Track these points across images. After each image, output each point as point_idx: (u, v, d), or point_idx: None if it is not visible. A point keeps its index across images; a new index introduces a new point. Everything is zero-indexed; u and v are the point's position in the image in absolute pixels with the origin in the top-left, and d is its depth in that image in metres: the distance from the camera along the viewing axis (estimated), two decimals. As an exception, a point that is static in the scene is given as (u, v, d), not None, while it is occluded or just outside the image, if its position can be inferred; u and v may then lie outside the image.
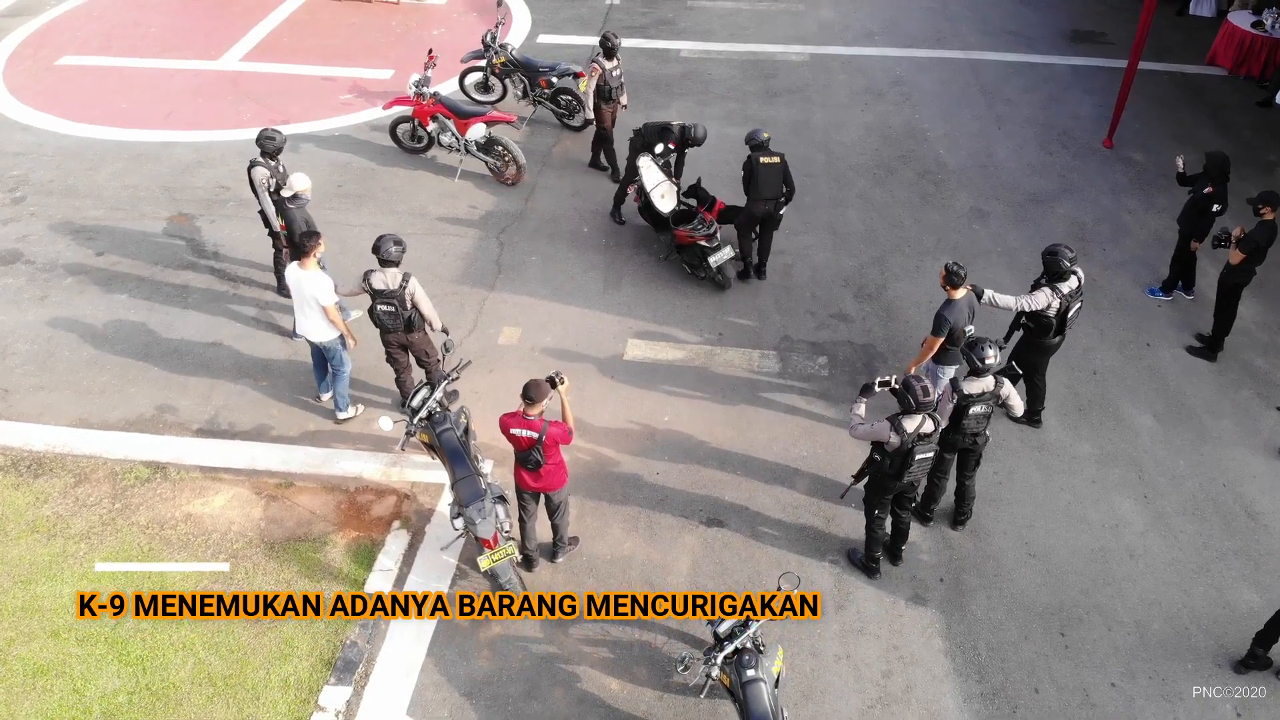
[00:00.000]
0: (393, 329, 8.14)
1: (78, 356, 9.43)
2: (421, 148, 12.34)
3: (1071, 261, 7.89)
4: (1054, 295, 7.83)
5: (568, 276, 10.52)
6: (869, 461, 6.90)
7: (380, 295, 7.95)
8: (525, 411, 6.74)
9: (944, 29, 15.73)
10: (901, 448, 6.55)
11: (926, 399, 6.43)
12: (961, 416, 7.09)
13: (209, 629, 7.05)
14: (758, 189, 9.68)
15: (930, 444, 6.60)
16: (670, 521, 7.84)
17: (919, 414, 6.54)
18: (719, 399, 8.98)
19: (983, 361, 6.91)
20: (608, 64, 11.18)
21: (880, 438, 6.63)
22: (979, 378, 7.02)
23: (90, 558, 7.57)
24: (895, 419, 6.59)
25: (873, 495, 7.02)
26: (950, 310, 7.75)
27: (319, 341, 8.35)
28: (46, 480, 8.22)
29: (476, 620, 7.13)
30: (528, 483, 7.00)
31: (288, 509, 7.95)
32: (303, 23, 15.89)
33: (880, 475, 6.83)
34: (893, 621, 7.13)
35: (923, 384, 6.45)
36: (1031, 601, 7.32)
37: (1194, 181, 9.70)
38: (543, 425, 6.75)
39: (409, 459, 8.35)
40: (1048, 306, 7.87)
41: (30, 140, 12.86)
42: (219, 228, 11.12)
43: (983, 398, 7.03)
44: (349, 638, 6.97)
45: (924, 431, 6.55)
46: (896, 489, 6.88)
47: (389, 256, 7.93)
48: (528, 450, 6.78)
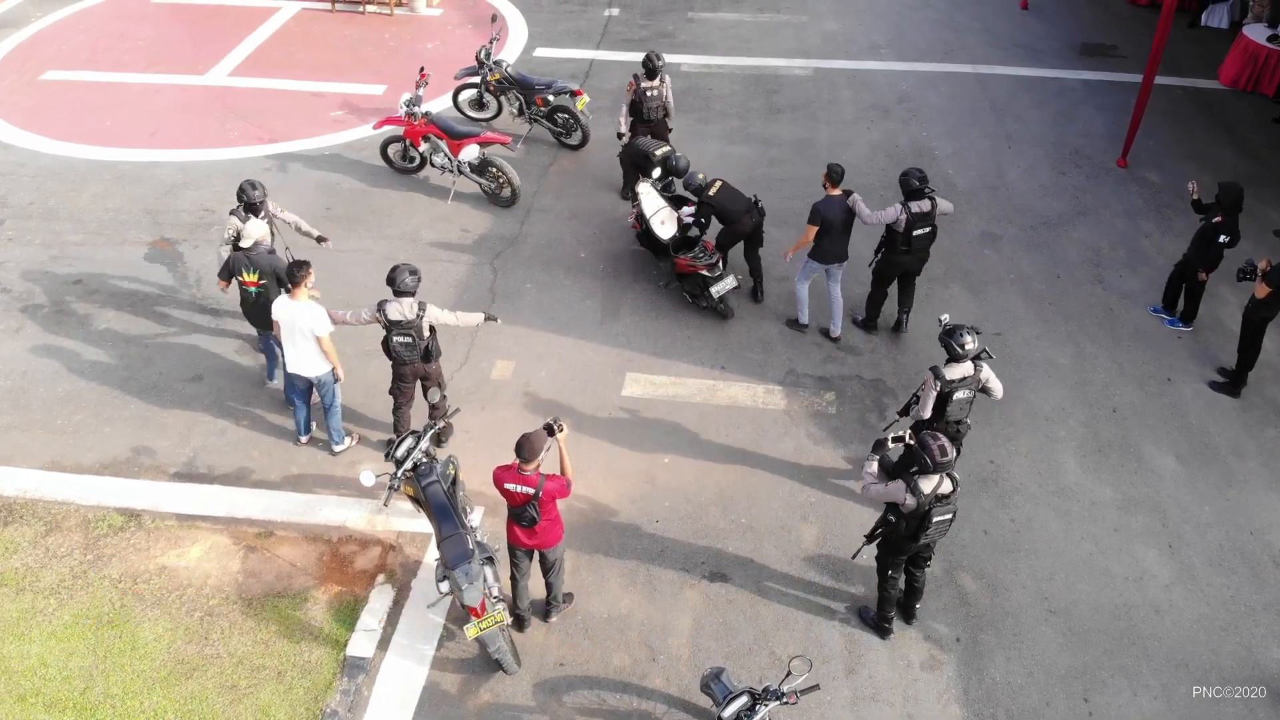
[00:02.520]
0: (410, 360, 7.83)
1: (53, 393, 9.04)
2: (413, 168, 11.95)
3: (922, 182, 8.78)
4: (903, 210, 8.73)
5: (564, 305, 10.12)
6: (882, 522, 6.50)
7: (398, 326, 7.64)
8: (521, 467, 6.35)
9: (951, 42, 15.34)
10: (918, 510, 6.14)
11: (944, 459, 6.03)
12: (946, 404, 7.22)
13: (181, 695, 6.66)
14: (728, 213, 9.55)
15: (949, 505, 6.18)
16: (670, 576, 7.44)
17: (936, 474, 6.13)
18: (721, 438, 8.58)
19: (962, 347, 7.06)
20: (646, 82, 10.81)
21: (895, 499, 6.24)
22: (959, 363, 7.14)
23: (60, 614, 7.17)
24: (911, 479, 6.18)
25: (886, 555, 6.63)
26: (824, 204, 8.96)
27: (313, 375, 7.96)
28: (16, 529, 7.83)
29: (464, 686, 6.72)
30: (521, 540, 6.60)
31: (267, 561, 7.55)
32: (293, 36, 15.50)
33: (895, 537, 6.42)
34: (907, 687, 6.73)
35: (940, 443, 6.04)
36: (1053, 663, 6.92)
37: (1209, 210, 9.32)
38: (539, 480, 6.36)
39: (395, 506, 7.93)
40: (896, 221, 8.76)
41: (10, 160, 12.47)
42: (202, 254, 10.72)
43: (964, 382, 7.19)
44: (329, 706, 6.57)
45: (941, 492, 6.14)
46: (911, 550, 6.48)
47: (405, 287, 7.63)
48: (523, 506, 6.39)
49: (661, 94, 10.90)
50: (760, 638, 6.99)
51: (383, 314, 7.65)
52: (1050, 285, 10.33)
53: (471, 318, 8.09)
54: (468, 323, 8.07)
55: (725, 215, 9.58)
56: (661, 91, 10.89)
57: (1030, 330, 9.73)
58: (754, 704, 5.42)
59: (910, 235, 8.83)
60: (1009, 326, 9.75)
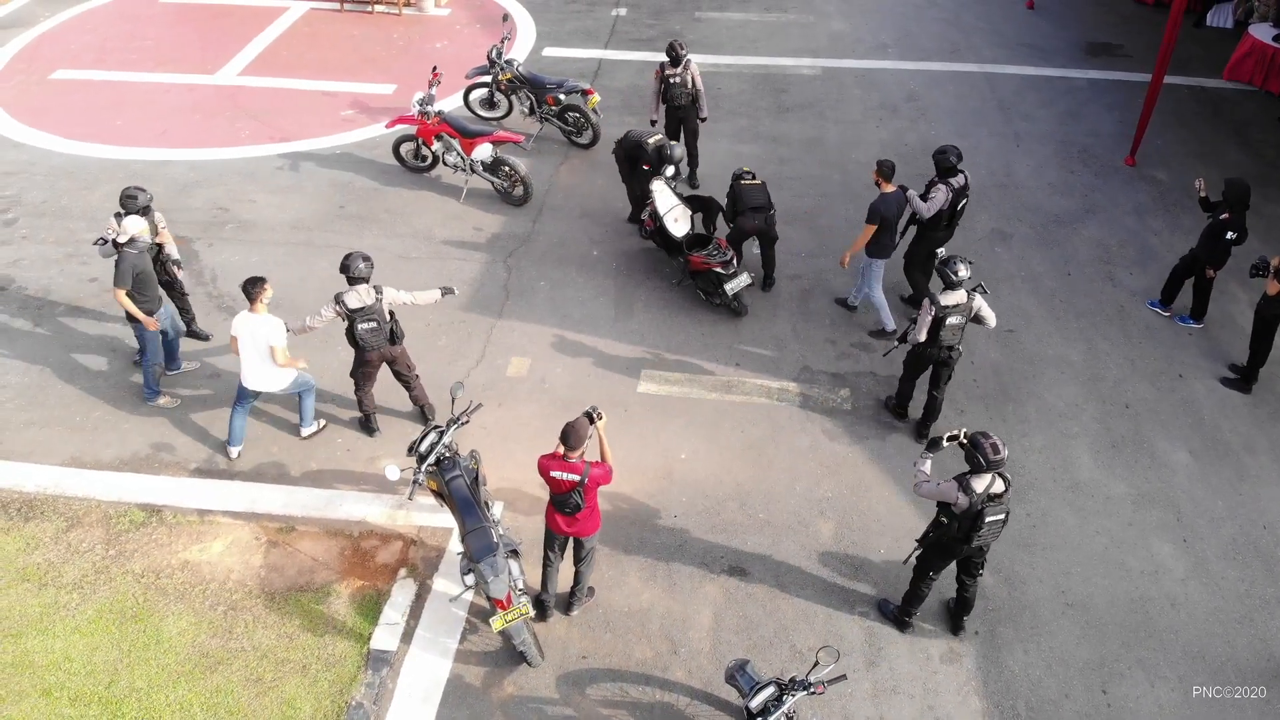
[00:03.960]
0: (376, 346, 7.93)
1: (70, 390, 9.07)
2: (425, 167, 11.99)
3: (958, 159, 9.04)
4: (948, 190, 8.95)
5: (578, 303, 10.17)
6: (934, 524, 6.51)
7: (360, 314, 7.75)
8: (566, 454, 6.41)
9: (958, 41, 15.40)
10: (970, 509, 6.17)
11: (997, 456, 6.06)
12: (939, 329, 7.80)
13: (206, 688, 6.69)
14: (742, 202, 9.64)
15: (1002, 505, 6.21)
16: (690, 570, 7.48)
17: (988, 473, 6.16)
18: (737, 434, 8.63)
19: (955, 274, 7.68)
20: (670, 70, 10.92)
21: (947, 498, 6.25)
22: (953, 290, 7.72)
23: (83, 609, 7.20)
24: (963, 478, 6.21)
25: (933, 558, 6.64)
26: (882, 202, 8.95)
27: (278, 390, 8.01)
28: (38, 524, 7.85)
29: (488, 679, 6.76)
30: (561, 527, 6.66)
31: (289, 556, 7.59)
32: (302, 36, 15.54)
33: (946, 539, 6.44)
34: (927, 679, 6.78)
35: (992, 440, 6.08)
36: (1071, 656, 6.98)
37: (1216, 207, 9.39)
38: (584, 467, 6.42)
39: (415, 501, 7.98)
40: (945, 202, 9.01)
41: (22, 158, 12.50)
42: (217, 251, 10.76)
43: (958, 309, 7.75)
44: (354, 698, 6.61)
45: (994, 492, 6.18)
46: (963, 554, 6.50)
47: (359, 274, 7.78)
48: (568, 494, 6.45)
49: (686, 80, 10.94)
50: (780, 631, 7.04)
51: (341, 305, 7.76)
52: (1061, 283, 10.39)
53: (428, 295, 8.16)
54: (425, 300, 8.14)
55: (735, 203, 9.66)
56: (686, 78, 10.93)
57: (1042, 327, 9.79)
58: (781, 694, 5.46)
59: (954, 211, 9.11)
60: (1021, 324, 9.81)
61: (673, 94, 10.98)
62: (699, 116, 11.25)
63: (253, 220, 11.24)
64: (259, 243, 10.88)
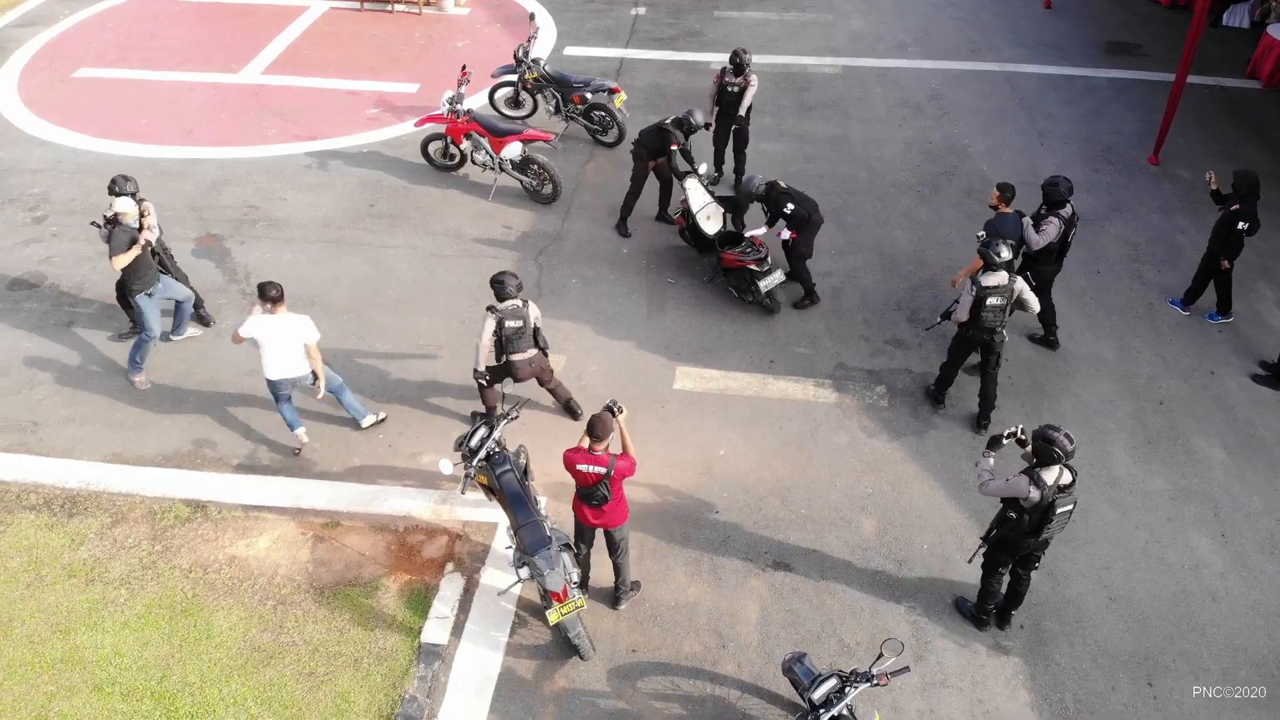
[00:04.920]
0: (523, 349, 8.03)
1: (108, 386, 9.11)
2: (453, 165, 12.03)
3: (1069, 191, 8.87)
4: (1060, 223, 8.77)
5: (610, 300, 10.22)
6: (1000, 520, 6.55)
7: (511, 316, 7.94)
8: (592, 447, 6.46)
9: (977, 40, 15.46)
10: (1041, 503, 6.21)
11: (1071, 447, 6.11)
12: (980, 309, 7.86)
13: (259, 682, 6.74)
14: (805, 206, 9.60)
15: (1070, 496, 6.26)
16: (735, 565, 7.53)
17: (1056, 465, 6.20)
18: (775, 431, 8.68)
19: (998, 255, 7.78)
20: (730, 77, 10.91)
21: (1018, 494, 6.27)
22: (994, 271, 7.82)
23: (132, 604, 7.24)
24: (1033, 472, 6.23)
25: (1000, 553, 6.66)
26: (999, 221, 8.78)
27: (298, 375, 8.03)
28: (82, 520, 7.90)
29: (539, 672, 6.81)
30: (589, 519, 6.72)
31: (336, 550, 7.64)
32: (323, 35, 15.57)
33: (1015, 534, 6.46)
34: (975, 673, 6.83)
35: (1065, 432, 6.13)
36: (1116, 649, 7.03)
37: (1227, 199, 9.47)
38: (610, 460, 6.48)
39: (458, 496, 8.03)
40: (1056, 235, 8.80)
41: (49, 156, 12.53)
42: (249, 250, 10.80)
43: (999, 290, 7.83)
44: (407, 691, 6.66)
45: (1063, 483, 6.23)
46: (1029, 548, 6.54)
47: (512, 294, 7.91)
48: (594, 486, 6.50)
49: (740, 89, 10.89)
50: (828, 626, 7.09)
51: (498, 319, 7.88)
52: (1091, 281, 10.45)
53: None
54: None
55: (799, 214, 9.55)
56: (741, 87, 10.89)
57: (1074, 325, 9.84)
58: (843, 686, 5.51)
59: (1064, 243, 8.92)
60: (1053, 321, 9.86)
61: (726, 100, 10.97)
62: (741, 115, 11.13)
63: (284, 218, 11.28)
64: (291, 240, 10.92)
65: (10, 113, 13.48)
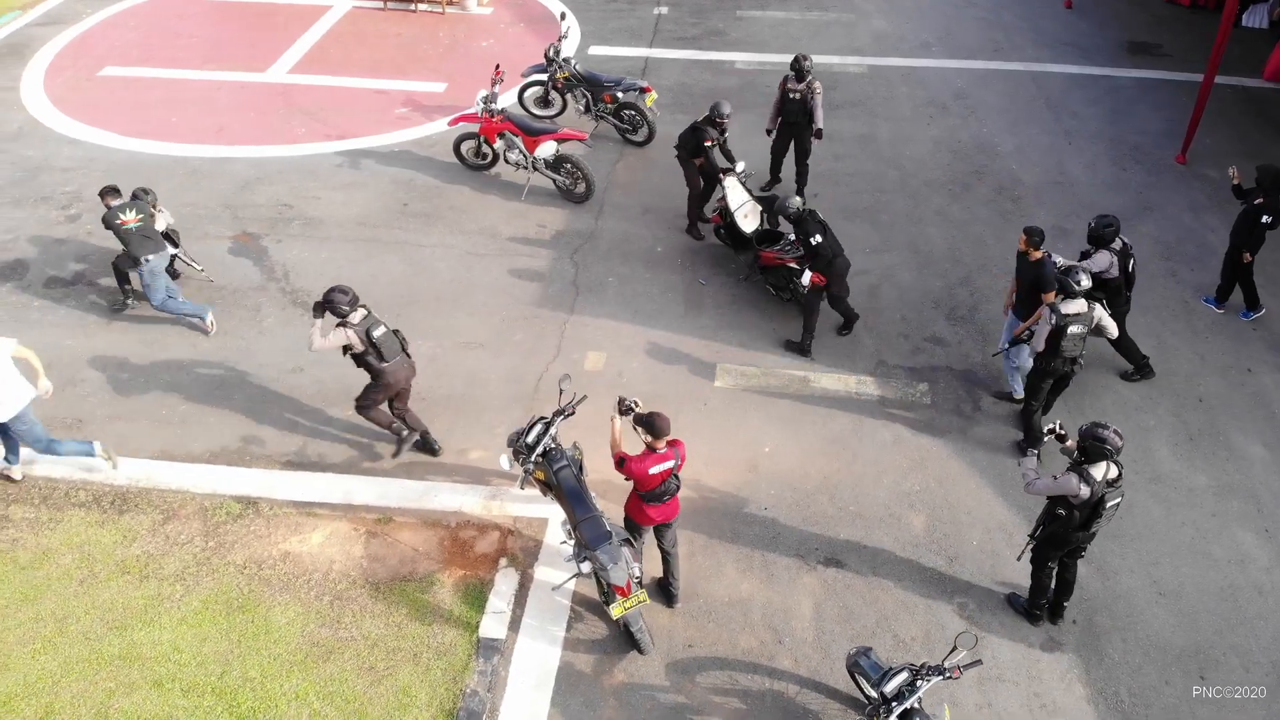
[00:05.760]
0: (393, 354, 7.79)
1: (152, 384, 9.14)
2: (485, 165, 12.07)
3: (1116, 231, 8.63)
4: (1112, 254, 8.57)
5: (647, 298, 10.26)
6: (1049, 517, 6.60)
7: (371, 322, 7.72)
8: (656, 446, 6.51)
9: (1000, 40, 15.52)
10: (1091, 499, 6.27)
11: (1121, 443, 6.17)
12: (1060, 337, 7.71)
13: (320, 677, 6.77)
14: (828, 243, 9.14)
15: (1118, 490, 6.32)
16: (786, 561, 7.58)
17: (1104, 460, 6.26)
18: (819, 428, 8.73)
19: (1078, 284, 7.66)
20: (792, 84, 10.79)
21: (1068, 491, 6.33)
22: (1073, 299, 7.72)
23: (188, 600, 7.27)
24: (1081, 468, 6.30)
25: (1050, 549, 6.73)
26: (1050, 267, 8.38)
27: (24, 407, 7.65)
28: (133, 517, 7.93)
29: (598, 667, 6.86)
30: (653, 518, 6.78)
31: (389, 546, 7.68)
32: (347, 34, 15.60)
33: (1064, 529, 6.52)
34: (1030, 667, 6.88)
35: (1113, 429, 6.19)
36: (1167, 643, 7.09)
37: (1250, 195, 9.54)
38: (674, 452, 6.53)
39: (508, 492, 8.08)
40: (1109, 266, 8.59)
41: (80, 155, 12.56)
42: (286, 248, 10.83)
43: (1078, 318, 7.72)
44: (468, 686, 6.70)
45: (1111, 478, 6.28)
46: (1078, 541, 6.61)
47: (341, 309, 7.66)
48: (665, 483, 6.55)
49: (805, 96, 10.75)
50: (882, 621, 7.14)
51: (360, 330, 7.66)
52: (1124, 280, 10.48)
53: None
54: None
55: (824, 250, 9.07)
56: (805, 94, 10.74)
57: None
58: (914, 680, 5.56)
59: (1127, 275, 8.72)
60: (1089, 319, 9.91)
61: (789, 109, 10.87)
62: (814, 134, 11.00)
63: (318, 217, 11.32)
64: (327, 239, 10.96)
65: (38, 111, 13.49)
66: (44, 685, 6.77)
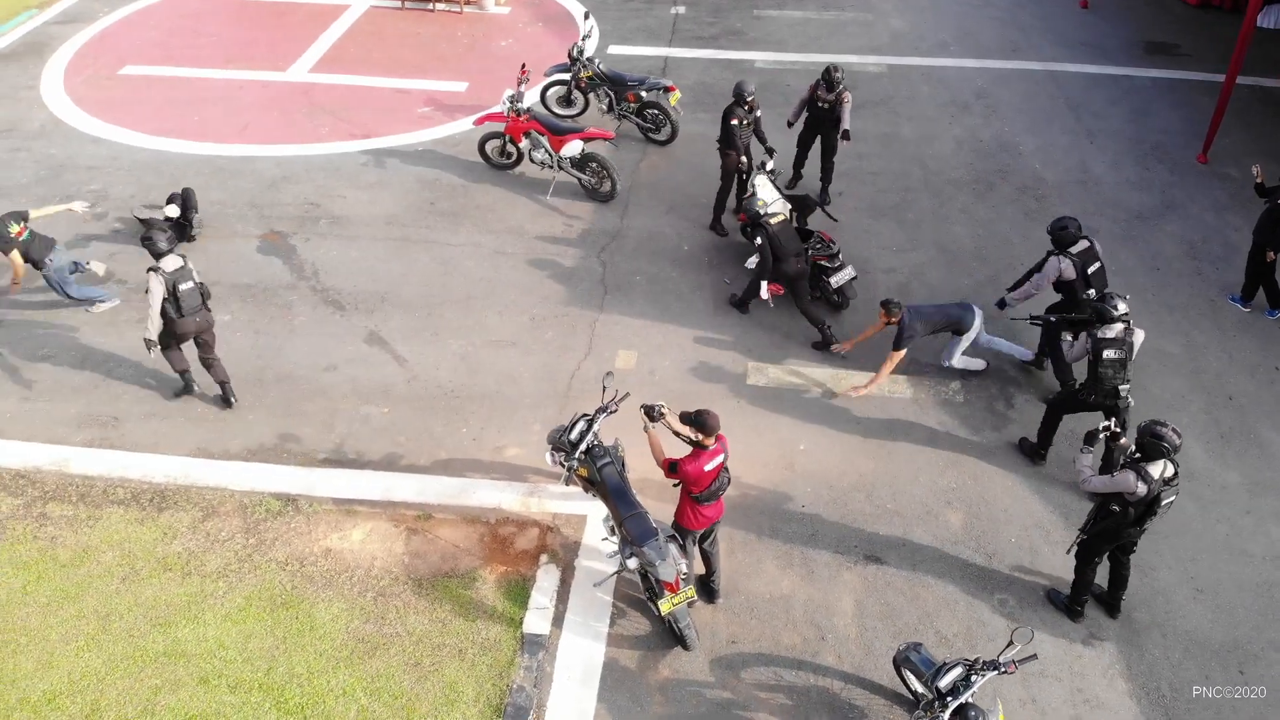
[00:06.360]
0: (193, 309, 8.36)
1: (186, 382, 9.16)
2: (510, 164, 12.10)
3: (1079, 229, 8.66)
4: (1060, 260, 8.51)
5: (675, 296, 10.29)
6: (1103, 513, 6.63)
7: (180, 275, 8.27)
8: (706, 443, 6.54)
9: (1018, 40, 15.56)
10: (1147, 496, 6.30)
11: (1179, 441, 6.21)
12: (1099, 363, 7.51)
13: (367, 673, 6.80)
14: (781, 247, 9.30)
15: (1174, 488, 6.37)
16: (826, 558, 7.62)
17: (1162, 459, 6.29)
18: (853, 426, 8.76)
19: (1115, 309, 7.51)
20: (822, 93, 10.76)
21: (1125, 489, 6.36)
22: (1111, 325, 7.55)
23: (231, 596, 7.30)
24: (1139, 466, 6.33)
25: (1100, 544, 6.76)
26: (908, 329, 8.57)
27: None
28: (172, 514, 7.96)
29: (643, 663, 6.89)
30: (707, 518, 6.79)
31: (430, 542, 7.71)
32: (366, 34, 15.62)
33: (1116, 526, 6.55)
34: (1072, 662, 6.92)
35: (1171, 427, 6.23)
36: (1206, 639, 7.13)
37: (1273, 193, 9.59)
38: (722, 447, 6.57)
39: (545, 489, 8.12)
40: (1060, 272, 8.53)
41: (103, 153, 12.58)
42: (314, 246, 10.85)
43: (1115, 342, 7.53)
44: (515, 681, 6.73)
45: (1167, 475, 6.32)
46: (1130, 536, 6.65)
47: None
48: (718, 478, 6.57)
49: (834, 106, 10.72)
50: (924, 618, 7.18)
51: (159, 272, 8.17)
52: (1151, 278, 10.55)
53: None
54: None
55: (774, 252, 9.29)
56: (835, 104, 10.71)
57: (1139, 321, 9.80)
58: (968, 674, 5.59)
59: (1088, 275, 8.64)
60: (1118, 317, 9.95)
61: (816, 114, 10.91)
62: (841, 135, 10.96)
63: (345, 216, 11.34)
64: (355, 238, 10.98)
65: (60, 110, 13.52)
66: (89, 682, 6.79)
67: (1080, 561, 6.90)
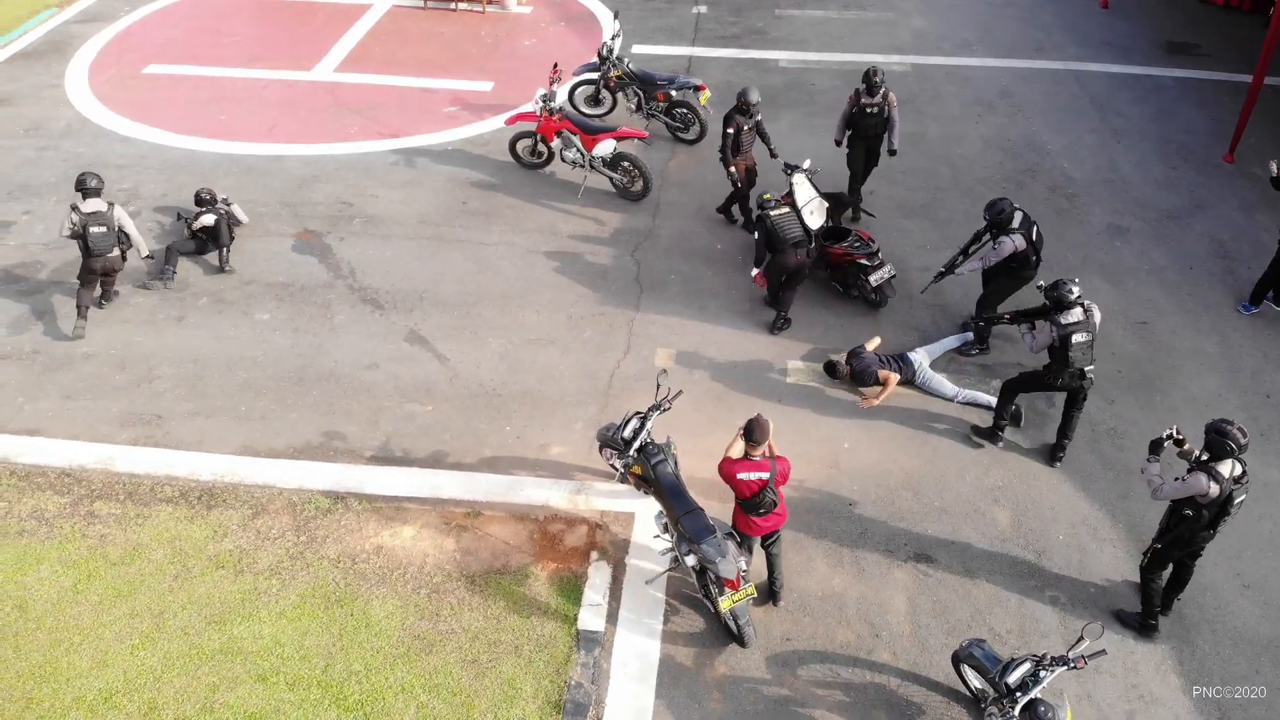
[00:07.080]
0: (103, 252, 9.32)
1: (229, 380, 9.19)
2: (540, 163, 12.12)
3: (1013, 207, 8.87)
4: (1013, 237, 8.76)
5: (711, 295, 10.33)
6: (1177, 518, 6.63)
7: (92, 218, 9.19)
8: (750, 453, 6.55)
9: (1040, 39, 15.61)
10: (1219, 497, 6.33)
11: (1245, 440, 6.24)
12: (1067, 348, 7.63)
13: (424, 670, 6.83)
14: (779, 238, 9.36)
15: (1244, 487, 6.41)
16: (875, 557, 7.65)
17: (1230, 458, 6.32)
18: (895, 424, 8.80)
19: (1071, 293, 7.61)
20: (866, 98, 10.50)
21: (1197, 491, 6.37)
22: (1070, 309, 7.63)
23: (285, 594, 7.33)
24: (1209, 467, 6.35)
25: (1173, 550, 6.76)
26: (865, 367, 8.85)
27: None
28: (222, 512, 7.98)
29: (698, 659, 6.93)
30: (759, 528, 6.82)
31: (480, 540, 7.74)
32: (390, 33, 15.64)
33: (1190, 531, 6.56)
34: (1125, 659, 6.97)
35: (1238, 425, 6.27)
36: (1255, 634, 7.18)
37: None
38: (770, 464, 6.56)
39: (593, 486, 8.15)
40: (1016, 248, 8.76)
41: (132, 152, 12.59)
42: (349, 245, 10.87)
43: (1080, 325, 7.62)
44: (572, 678, 6.77)
45: (1236, 474, 6.36)
46: (1203, 541, 6.67)
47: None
48: (760, 493, 6.59)
49: (884, 110, 10.49)
50: (976, 615, 7.22)
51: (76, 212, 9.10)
52: (1184, 276, 10.60)
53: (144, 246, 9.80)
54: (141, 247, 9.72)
55: (773, 243, 9.38)
56: (884, 108, 10.48)
57: (1174, 320, 9.99)
58: (1037, 670, 5.63)
59: (1034, 252, 8.93)
60: (1153, 316, 10.01)
61: (866, 123, 10.61)
62: (890, 149, 10.81)
63: (379, 215, 11.37)
64: (389, 237, 11.01)
65: (86, 109, 13.53)
66: (145, 681, 6.82)
67: (1149, 573, 6.90)
